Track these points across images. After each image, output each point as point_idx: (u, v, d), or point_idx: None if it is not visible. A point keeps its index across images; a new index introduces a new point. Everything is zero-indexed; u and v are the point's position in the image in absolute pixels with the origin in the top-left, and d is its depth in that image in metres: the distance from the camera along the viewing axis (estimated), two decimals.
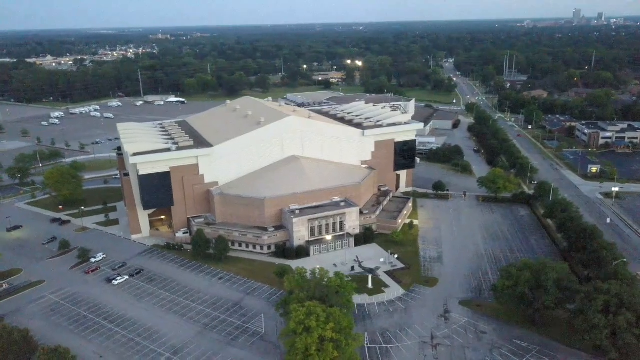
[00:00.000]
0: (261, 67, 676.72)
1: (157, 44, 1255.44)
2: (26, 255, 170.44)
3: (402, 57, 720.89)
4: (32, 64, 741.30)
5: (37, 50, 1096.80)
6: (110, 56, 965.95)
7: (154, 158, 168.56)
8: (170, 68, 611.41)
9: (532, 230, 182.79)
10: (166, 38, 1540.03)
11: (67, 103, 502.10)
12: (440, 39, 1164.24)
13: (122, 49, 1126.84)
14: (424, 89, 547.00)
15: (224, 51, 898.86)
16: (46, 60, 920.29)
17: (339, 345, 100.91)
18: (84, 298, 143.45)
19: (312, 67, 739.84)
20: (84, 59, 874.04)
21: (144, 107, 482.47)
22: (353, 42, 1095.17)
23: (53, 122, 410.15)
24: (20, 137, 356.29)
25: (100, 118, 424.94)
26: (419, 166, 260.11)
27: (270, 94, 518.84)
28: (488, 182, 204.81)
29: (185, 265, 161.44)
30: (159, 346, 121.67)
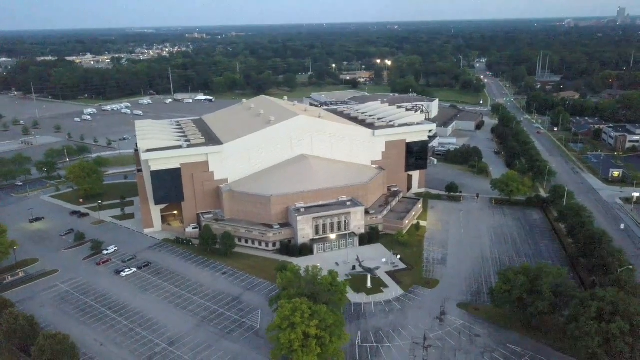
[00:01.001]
0: (290, 66, 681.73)
1: (192, 43, 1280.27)
2: (44, 245, 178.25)
3: (432, 57, 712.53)
4: (72, 62, 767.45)
5: (78, 48, 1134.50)
6: (146, 55, 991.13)
7: (165, 154, 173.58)
8: (201, 67, 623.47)
9: (542, 234, 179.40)
10: (202, 37, 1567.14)
11: (100, 100, 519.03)
12: (474, 38, 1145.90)
13: (158, 48, 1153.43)
14: (452, 89, 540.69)
15: (256, 50, 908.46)
16: (86, 58, 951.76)
17: (323, 342, 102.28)
18: (93, 288, 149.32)
19: (342, 67, 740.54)
20: (120, 57, 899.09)
21: (173, 104, 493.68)
22: (385, 41, 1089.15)
23: (85, 119, 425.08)
24: (53, 132, 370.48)
25: (130, 115, 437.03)
26: (435, 167, 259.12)
27: (296, 93, 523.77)
28: (501, 184, 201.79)
29: (192, 259, 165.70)
30: (157, 336, 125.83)
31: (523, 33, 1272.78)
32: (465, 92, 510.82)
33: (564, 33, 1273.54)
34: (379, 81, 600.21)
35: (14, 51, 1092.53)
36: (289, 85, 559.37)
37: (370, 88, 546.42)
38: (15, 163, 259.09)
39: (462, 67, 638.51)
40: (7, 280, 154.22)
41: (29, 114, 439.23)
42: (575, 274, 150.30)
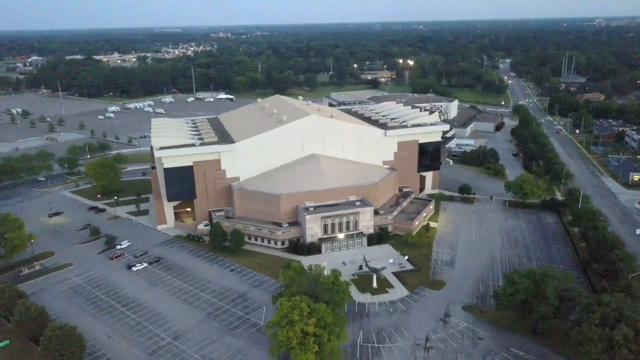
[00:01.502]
0: (311, 66, 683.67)
1: (217, 42, 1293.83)
2: (61, 239, 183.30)
3: (455, 57, 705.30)
4: (99, 60, 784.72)
5: (105, 47, 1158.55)
6: (171, 54, 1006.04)
7: (177, 152, 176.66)
8: (223, 66, 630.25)
9: (555, 238, 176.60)
10: (226, 36, 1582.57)
11: (124, 98, 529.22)
12: (499, 38, 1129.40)
13: (183, 47, 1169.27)
14: (474, 89, 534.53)
15: (278, 50, 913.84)
16: (113, 57, 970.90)
17: (321, 340, 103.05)
18: (104, 282, 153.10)
19: (364, 66, 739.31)
20: (146, 56, 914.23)
21: (195, 103, 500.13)
22: (409, 41, 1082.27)
23: (109, 116, 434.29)
24: (77, 129, 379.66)
25: (152, 113, 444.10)
26: (450, 168, 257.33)
27: (317, 92, 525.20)
28: (515, 186, 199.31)
29: (202, 256, 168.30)
30: (162, 330, 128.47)
31: (550, 33, 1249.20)
32: (487, 93, 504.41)
33: (593, 33, 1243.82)
34: (400, 81, 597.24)
35: (45, 50, 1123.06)
36: (309, 84, 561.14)
37: (391, 88, 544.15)
38: (38, 159, 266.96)
39: (485, 68, 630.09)
40: (23, 272, 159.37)
41: (56, 111, 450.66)
42: (586, 279, 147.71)
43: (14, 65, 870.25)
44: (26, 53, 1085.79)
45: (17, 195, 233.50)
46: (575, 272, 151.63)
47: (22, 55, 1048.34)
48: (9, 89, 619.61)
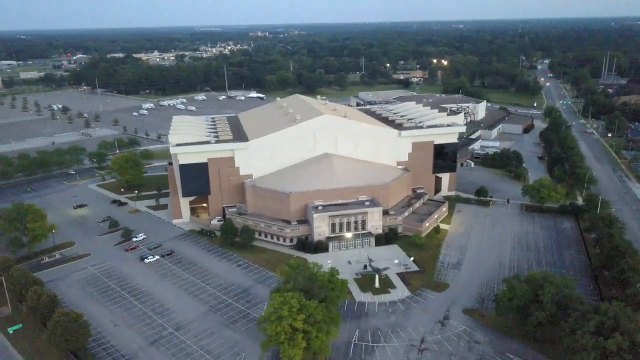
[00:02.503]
0: (343, 65, 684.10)
1: (254, 41, 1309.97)
2: (82, 230, 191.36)
3: (491, 57, 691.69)
4: (138, 59, 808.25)
5: (146, 46, 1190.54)
6: (209, 52, 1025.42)
7: (192, 149, 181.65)
8: (256, 65, 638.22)
9: (570, 244, 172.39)
10: (264, 36, 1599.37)
11: (159, 96, 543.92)
12: (540, 37, 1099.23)
13: (221, 46, 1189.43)
14: (508, 90, 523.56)
15: (313, 49, 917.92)
16: (152, 55, 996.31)
17: (309, 336, 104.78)
18: (117, 272, 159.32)
19: (397, 66, 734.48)
20: (184, 55, 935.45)
21: (226, 101, 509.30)
22: (446, 40, 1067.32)
23: (142, 113, 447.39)
24: (111, 125, 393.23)
25: (184, 110, 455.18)
26: (471, 170, 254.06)
27: (346, 92, 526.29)
28: (532, 190, 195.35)
29: (213, 250, 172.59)
30: (166, 321, 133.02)
31: (595, 32, 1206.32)
32: (521, 94, 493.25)
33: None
34: (433, 81, 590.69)
35: (90, 48, 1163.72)
36: (339, 84, 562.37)
37: (422, 88, 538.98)
38: (70, 153, 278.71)
39: (521, 68, 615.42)
40: (44, 260, 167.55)
41: (93, 108, 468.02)
42: (596, 287, 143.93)
43: (59, 63, 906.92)
44: (72, 51, 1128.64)
45: (47, 187, 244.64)
46: (585, 280, 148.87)
47: (68, 53, 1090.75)
48: (53, 86, 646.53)
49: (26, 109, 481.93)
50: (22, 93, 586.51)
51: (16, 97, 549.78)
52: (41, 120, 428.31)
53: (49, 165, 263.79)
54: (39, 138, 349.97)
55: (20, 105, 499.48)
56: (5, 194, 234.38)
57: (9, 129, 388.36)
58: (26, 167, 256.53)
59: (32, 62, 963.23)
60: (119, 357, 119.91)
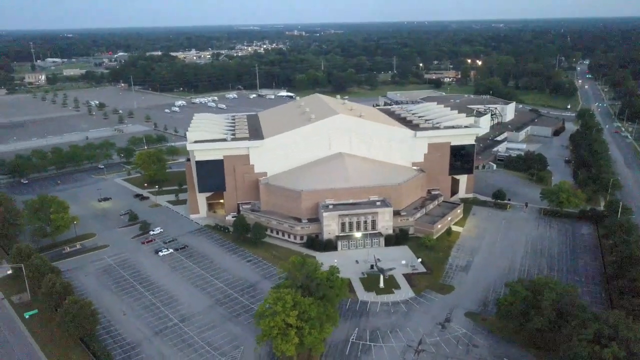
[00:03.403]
0: (375, 65, 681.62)
1: (290, 40, 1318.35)
2: (104, 222, 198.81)
3: (528, 58, 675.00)
4: (174, 57, 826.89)
5: (185, 44, 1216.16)
6: (244, 51, 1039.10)
7: (209, 146, 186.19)
8: (288, 64, 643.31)
9: (585, 250, 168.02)
10: (300, 35, 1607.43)
11: (192, 93, 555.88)
12: (583, 38, 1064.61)
13: (257, 45, 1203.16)
14: (542, 92, 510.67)
15: (347, 48, 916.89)
16: (190, 54, 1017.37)
17: (302, 332, 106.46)
18: (132, 264, 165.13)
19: (431, 66, 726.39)
20: (220, 53, 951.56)
21: (256, 100, 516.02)
22: (484, 40, 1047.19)
23: (174, 110, 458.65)
24: (143, 122, 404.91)
25: (215, 108, 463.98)
26: (493, 173, 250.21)
27: (376, 91, 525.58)
28: (551, 194, 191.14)
29: (225, 246, 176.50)
30: (172, 312, 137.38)
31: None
32: (556, 96, 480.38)
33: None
34: (465, 82, 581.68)
35: (131, 47, 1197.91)
36: (369, 83, 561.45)
37: (454, 88, 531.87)
38: (101, 148, 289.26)
39: (557, 69, 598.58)
40: (66, 250, 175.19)
41: (128, 104, 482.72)
42: (607, 295, 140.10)
43: (101, 61, 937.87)
44: (114, 49, 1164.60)
45: (77, 180, 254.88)
46: (596, 288, 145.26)
47: (110, 51, 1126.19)
48: (93, 83, 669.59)
49: (65, 104, 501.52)
50: (63, 89, 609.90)
51: (58, 93, 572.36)
52: (78, 115, 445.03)
53: (80, 159, 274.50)
54: (74, 133, 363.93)
55: (61, 101, 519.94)
56: (38, 186, 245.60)
57: (48, 123, 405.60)
58: (58, 161, 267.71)
59: (75, 60, 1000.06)
60: (124, 345, 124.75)
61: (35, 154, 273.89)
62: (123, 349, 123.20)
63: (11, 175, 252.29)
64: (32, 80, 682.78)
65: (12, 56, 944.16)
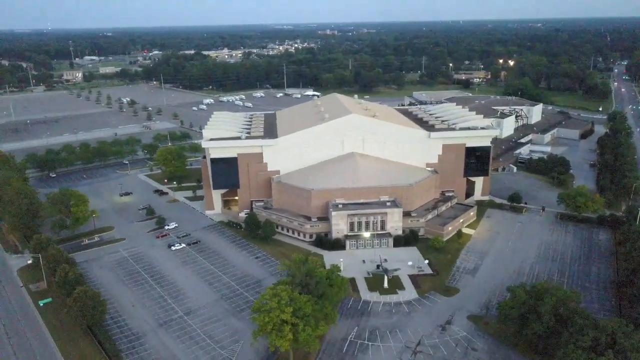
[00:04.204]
0: (404, 64, 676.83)
1: (321, 40, 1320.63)
2: (123, 216, 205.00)
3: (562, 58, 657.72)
4: (206, 56, 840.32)
5: (217, 43, 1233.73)
6: (275, 50, 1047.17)
7: (223, 144, 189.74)
8: (316, 63, 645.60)
9: (600, 256, 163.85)
10: (332, 34, 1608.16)
11: (220, 92, 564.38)
12: (623, 38, 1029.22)
13: (288, 44, 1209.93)
14: (575, 93, 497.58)
15: (377, 47, 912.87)
16: (222, 52, 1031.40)
17: (297, 329, 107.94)
18: (145, 257, 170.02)
19: (461, 66, 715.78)
20: (251, 52, 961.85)
21: (282, 99, 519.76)
22: (518, 40, 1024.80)
23: (202, 108, 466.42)
24: (171, 119, 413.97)
25: (241, 107, 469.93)
26: (513, 175, 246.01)
27: (403, 91, 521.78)
28: (568, 198, 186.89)
29: (236, 242, 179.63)
30: (178, 305, 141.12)
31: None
32: (589, 98, 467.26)
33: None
34: (495, 82, 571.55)
35: (166, 45, 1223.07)
36: (396, 83, 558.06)
37: (483, 89, 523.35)
38: (127, 144, 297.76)
39: (592, 70, 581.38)
40: (84, 242, 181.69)
41: (158, 102, 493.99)
42: (617, 303, 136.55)
43: (135, 59, 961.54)
44: (149, 47, 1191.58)
45: (101, 175, 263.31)
46: (607, 295, 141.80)
47: (145, 50, 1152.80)
48: (127, 80, 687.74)
49: (99, 101, 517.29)
50: (98, 87, 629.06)
51: (92, 90, 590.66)
52: (110, 112, 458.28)
53: (106, 154, 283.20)
54: (104, 129, 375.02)
55: (94, 98, 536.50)
56: (65, 179, 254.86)
57: (81, 119, 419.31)
58: (85, 156, 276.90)
59: (112, 58, 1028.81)
60: (129, 335, 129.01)
61: (64, 148, 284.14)
62: (128, 338, 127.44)
63: (40, 169, 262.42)
64: (70, 78, 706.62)
65: (52, 54, 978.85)
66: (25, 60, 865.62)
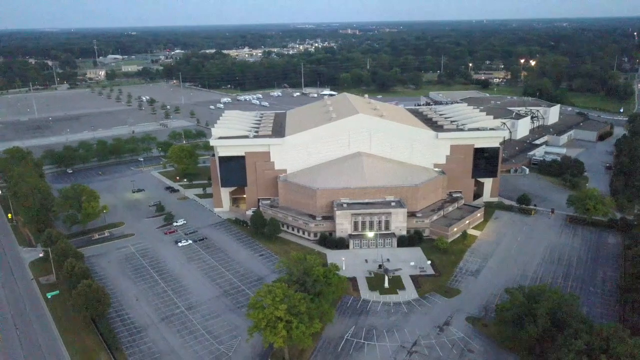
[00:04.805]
0: (423, 64, 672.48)
1: (342, 39, 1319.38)
2: (134, 212, 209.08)
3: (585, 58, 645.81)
4: (226, 54, 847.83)
5: (238, 43, 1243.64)
6: (295, 49, 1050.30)
7: (231, 142, 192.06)
8: (333, 62, 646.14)
9: (608, 260, 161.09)
10: (354, 33, 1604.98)
11: (238, 91, 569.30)
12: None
13: (309, 43, 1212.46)
14: (596, 94, 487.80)
15: (397, 47, 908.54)
16: (242, 51, 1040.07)
17: (290, 326, 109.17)
18: (152, 253, 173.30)
19: (482, 66, 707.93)
20: (271, 51, 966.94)
21: (299, 98, 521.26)
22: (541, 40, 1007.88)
23: (219, 107, 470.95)
24: (188, 117, 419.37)
25: (258, 105, 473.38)
26: (525, 177, 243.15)
27: (420, 91, 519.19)
28: (577, 201, 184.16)
29: (242, 239, 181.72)
30: (181, 300, 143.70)
31: None
32: (611, 99, 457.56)
33: None
34: (515, 82, 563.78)
35: (188, 44, 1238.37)
36: (414, 82, 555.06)
37: (501, 89, 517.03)
38: (142, 141, 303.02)
39: (615, 70, 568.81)
40: (94, 237, 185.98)
41: (177, 100, 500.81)
42: (621, 308, 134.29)
43: (157, 58, 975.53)
44: (171, 47, 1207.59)
45: (116, 172, 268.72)
46: (610, 300, 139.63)
47: (168, 49, 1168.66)
48: (147, 79, 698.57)
49: (119, 100, 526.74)
50: (120, 85, 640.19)
51: (113, 88, 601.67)
52: (129, 110, 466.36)
53: (122, 152, 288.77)
54: (122, 127, 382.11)
55: (115, 96, 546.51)
56: (81, 176, 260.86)
57: (101, 117, 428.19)
58: (102, 153, 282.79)
59: (135, 57, 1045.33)
60: (131, 328, 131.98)
61: (81, 145, 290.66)
62: (130, 332, 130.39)
63: (58, 165, 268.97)
64: (93, 76, 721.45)
65: (78, 53, 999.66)
66: (51, 58, 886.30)
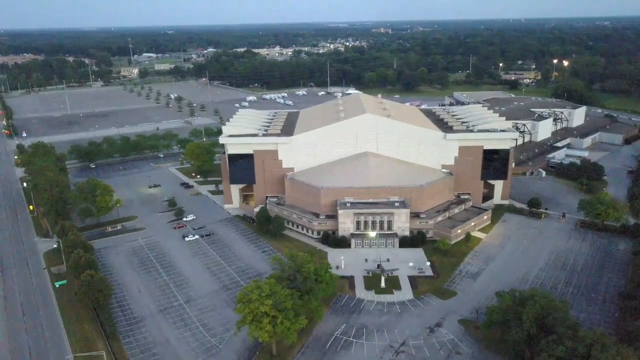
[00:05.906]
0: (452, 64, 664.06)
1: (374, 38, 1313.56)
2: (147, 207, 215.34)
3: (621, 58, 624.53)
4: (256, 53, 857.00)
5: (270, 41, 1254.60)
6: (326, 48, 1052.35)
7: (240, 141, 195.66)
8: (361, 62, 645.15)
9: (615, 266, 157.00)
10: (386, 32, 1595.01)
11: (265, 90, 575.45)
12: None
13: (340, 41, 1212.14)
14: (631, 96, 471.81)
15: (427, 46, 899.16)
16: (273, 50, 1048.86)
17: (275, 321, 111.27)
18: (159, 246, 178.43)
19: (513, 65, 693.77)
20: (301, 50, 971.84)
21: (324, 97, 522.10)
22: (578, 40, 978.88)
23: (244, 105, 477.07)
24: (213, 115, 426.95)
25: (282, 104, 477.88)
26: (541, 180, 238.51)
27: (446, 91, 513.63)
28: (588, 205, 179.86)
29: (247, 236, 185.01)
30: (180, 293, 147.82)
31: None
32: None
33: None
34: (545, 83, 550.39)
35: (221, 43, 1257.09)
36: (441, 82, 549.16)
37: (530, 90, 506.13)
38: (164, 138, 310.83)
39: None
40: (107, 230, 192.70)
41: (204, 98, 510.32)
42: (622, 315, 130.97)
43: (189, 56, 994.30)
44: (204, 45, 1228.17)
45: (136, 167, 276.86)
46: (612, 307, 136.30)
47: (201, 47, 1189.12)
48: (178, 77, 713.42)
49: (149, 97, 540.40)
50: (151, 83, 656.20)
51: (145, 86, 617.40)
52: (157, 107, 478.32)
53: (144, 148, 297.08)
54: (149, 124, 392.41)
55: (145, 94, 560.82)
56: (103, 170, 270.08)
57: (129, 114, 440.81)
58: (124, 149, 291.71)
59: (168, 55, 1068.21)
60: (130, 318, 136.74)
61: (105, 141, 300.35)
62: (129, 322, 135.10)
63: (81, 160, 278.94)
64: (126, 74, 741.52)
65: (114, 51, 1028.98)
66: (89, 57, 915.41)
